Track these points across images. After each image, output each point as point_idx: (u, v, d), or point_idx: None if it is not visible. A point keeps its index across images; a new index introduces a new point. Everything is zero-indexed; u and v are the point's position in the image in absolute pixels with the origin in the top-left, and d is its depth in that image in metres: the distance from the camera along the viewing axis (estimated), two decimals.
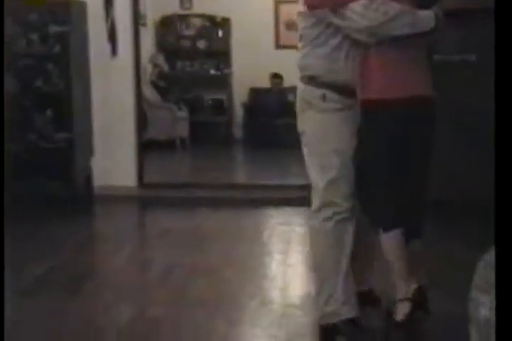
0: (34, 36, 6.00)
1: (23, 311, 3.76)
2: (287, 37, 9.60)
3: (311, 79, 3.17)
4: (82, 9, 6.13)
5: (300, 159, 7.30)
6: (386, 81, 3.11)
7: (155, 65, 9.44)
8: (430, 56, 3.42)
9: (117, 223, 5.75)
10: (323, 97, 3.13)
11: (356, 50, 3.11)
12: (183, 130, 9.00)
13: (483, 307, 2.19)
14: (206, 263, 4.52)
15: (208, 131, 8.96)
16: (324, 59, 3.13)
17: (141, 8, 6.65)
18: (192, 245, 5.02)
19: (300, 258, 4.79)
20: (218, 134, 9.32)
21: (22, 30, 6.01)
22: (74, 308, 3.81)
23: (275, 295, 4.08)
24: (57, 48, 5.97)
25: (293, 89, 8.87)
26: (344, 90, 3.15)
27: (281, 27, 9.84)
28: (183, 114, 9.13)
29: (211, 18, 9.98)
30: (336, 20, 3.05)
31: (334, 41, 3.11)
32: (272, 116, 9.03)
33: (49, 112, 6.04)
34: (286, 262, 4.73)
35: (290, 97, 9.11)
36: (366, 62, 3.12)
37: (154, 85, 9.20)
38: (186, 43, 9.99)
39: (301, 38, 3.23)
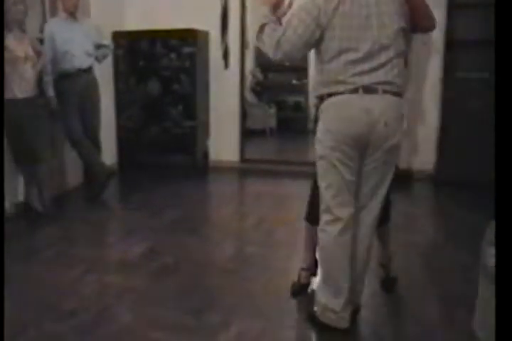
0: (173, 55, 6.04)
1: (163, 242, 3.87)
2: None
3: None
4: (206, 36, 6.13)
5: None
6: None
7: (253, 76, 9.37)
8: None
9: (225, 186, 5.77)
10: None
11: None
12: (272, 122, 8.94)
13: (491, 257, 2.10)
14: (286, 217, 4.49)
15: (290, 123, 8.86)
16: None
17: (246, 36, 6.57)
18: (276, 204, 4.99)
19: None
20: (297, 126, 9.17)
21: (166, 51, 6.06)
22: (194, 243, 3.88)
23: None
24: (187, 63, 5.99)
25: None
26: None
27: None
28: (272, 111, 9.05)
29: None
30: None
31: None
32: None
33: (180, 107, 6.09)
34: None
35: None
36: None
37: (252, 90, 9.16)
38: (276, 61, 9.89)
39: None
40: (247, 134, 6.57)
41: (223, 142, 6.29)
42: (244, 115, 6.49)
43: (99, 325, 2.72)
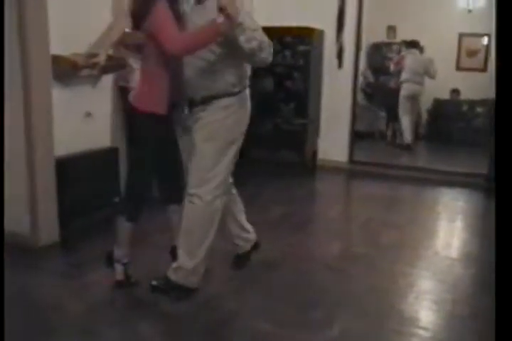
0: (287, 52, 6.09)
1: (269, 236, 3.76)
2: (466, 62, 9.09)
3: None
4: (321, 35, 6.14)
5: (466, 154, 6.97)
6: None
7: (364, 77, 9.28)
8: None
9: (332, 186, 5.76)
10: None
11: None
12: (381, 125, 8.82)
13: None
14: (395, 221, 4.43)
15: (399, 127, 8.67)
16: None
17: (361, 37, 6.51)
18: (384, 207, 4.91)
19: (464, 225, 4.57)
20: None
21: (280, 48, 6.08)
22: (300, 239, 3.90)
23: (444, 249, 3.92)
24: (301, 61, 6.03)
25: (467, 102, 8.45)
26: None
27: (462, 54, 9.27)
28: (383, 114, 8.93)
29: (408, 45, 9.61)
30: None
31: None
32: (449, 121, 8.56)
33: (292, 104, 6.13)
34: (454, 226, 4.53)
35: (464, 107, 8.64)
36: None
37: (363, 91, 9.07)
38: (389, 63, 9.72)
39: None
40: (356, 136, 6.50)
41: (332, 142, 6.25)
42: (354, 116, 6.43)
43: (208, 310, 2.82)
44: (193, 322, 2.70)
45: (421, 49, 8.07)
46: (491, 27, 5.78)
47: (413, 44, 8.01)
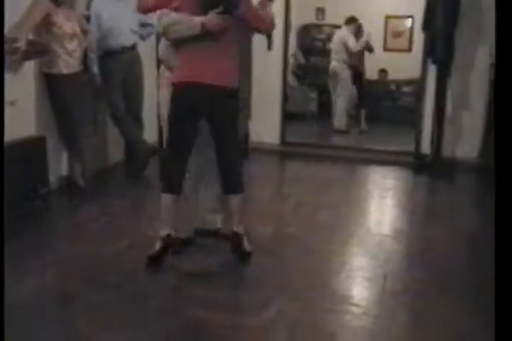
0: None
1: None
2: (392, 42, 9.29)
3: None
4: None
5: (394, 133, 7.12)
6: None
7: (295, 59, 9.31)
8: None
9: (265, 168, 5.75)
10: None
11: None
12: (312, 106, 8.89)
13: None
14: (327, 201, 4.48)
15: (330, 107, 8.78)
16: None
17: (290, 18, 6.51)
18: (317, 187, 4.95)
19: (394, 202, 4.68)
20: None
21: None
22: None
23: (375, 226, 4.01)
24: None
25: (394, 81, 8.62)
26: None
27: (389, 35, 9.44)
28: (314, 95, 8.99)
29: (337, 27, 9.69)
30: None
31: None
32: (377, 100, 8.72)
33: None
34: (385, 203, 4.63)
35: (392, 87, 8.85)
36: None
37: (294, 73, 9.10)
38: (318, 44, 9.78)
39: None
40: (287, 117, 6.52)
41: (264, 124, 6.23)
42: (285, 98, 6.44)
43: (141, 299, 2.76)
44: (126, 311, 2.65)
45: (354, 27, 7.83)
46: (415, 9, 5.90)
47: (346, 22, 7.87)
